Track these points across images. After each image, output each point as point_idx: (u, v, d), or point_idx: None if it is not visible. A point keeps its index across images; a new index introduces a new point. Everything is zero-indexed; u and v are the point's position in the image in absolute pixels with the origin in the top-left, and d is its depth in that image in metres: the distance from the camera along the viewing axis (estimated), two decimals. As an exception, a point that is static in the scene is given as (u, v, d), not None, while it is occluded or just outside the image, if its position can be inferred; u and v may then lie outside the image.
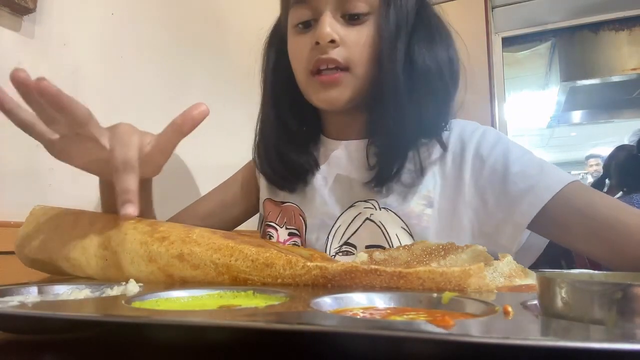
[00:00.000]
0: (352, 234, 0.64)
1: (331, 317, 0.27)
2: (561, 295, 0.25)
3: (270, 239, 0.70)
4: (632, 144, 2.31)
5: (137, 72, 0.90)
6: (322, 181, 0.70)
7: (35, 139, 0.46)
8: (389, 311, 0.30)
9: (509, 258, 0.43)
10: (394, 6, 0.61)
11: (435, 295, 0.31)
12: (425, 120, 0.61)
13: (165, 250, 0.43)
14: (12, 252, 0.51)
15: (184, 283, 0.43)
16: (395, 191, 0.63)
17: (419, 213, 0.62)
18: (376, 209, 0.64)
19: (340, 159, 0.70)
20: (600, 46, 2.75)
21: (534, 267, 0.64)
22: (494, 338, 0.20)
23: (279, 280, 0.40)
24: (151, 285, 0.40)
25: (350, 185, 0.67)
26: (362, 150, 0.67)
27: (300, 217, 0.69)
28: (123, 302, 0.31)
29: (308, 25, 0.63)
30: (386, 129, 0.62)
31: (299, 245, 0.68)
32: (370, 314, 0.29)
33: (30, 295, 0.35)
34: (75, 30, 0.78)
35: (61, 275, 0.50)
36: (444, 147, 0.63)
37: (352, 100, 0.63)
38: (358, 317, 0.28)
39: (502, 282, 0.39)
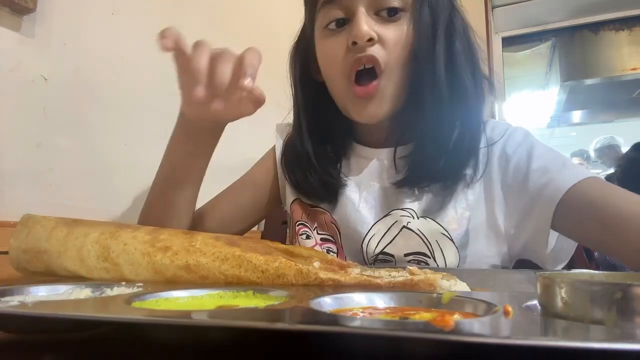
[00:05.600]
0: (388, 244, 0.63)
1: (331, 317, 0.27)
2: (561, 295, 0.25)
3: (307, 238, 0.68)
4: None
5: (137, 72, 0.90)
6: (354, 188, 0.67)
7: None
8: (388, 311, 0.30)
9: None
10: (428, 3, 0.59)
11: (435, 295, 0.31)
12: (461, 125, 0.61)
13: (170, 261, 0.42)
14: (12, 252, 0.51)
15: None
16: (432, 198, 0.62)
17: (458, 217, 0.61)
18: (414, 218, 0.62)
19: (374, 168, 0.67)
20: (600, 46, 2.75)
21: (533, 267, 0.64)
22: (494, 338, 0.20)
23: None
24: (151, 285, 0.40)
25: (385, 193, 0.65)
26: (395, 157, 0.66)
27: (333, 225, 0.67)
28: (123, 302, 0.31)
29: (340, 24, 0.60)
30: (421, 134, 0.62)
31: (334, 252, 0.67)
32: (370, 313, 0.29)
33: (30, 295, 0.35)
34: (75, 30, 0.78)
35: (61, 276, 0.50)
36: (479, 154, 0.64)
37: (390, 111, 0.61)
38: (358, 317, 0.28)
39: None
